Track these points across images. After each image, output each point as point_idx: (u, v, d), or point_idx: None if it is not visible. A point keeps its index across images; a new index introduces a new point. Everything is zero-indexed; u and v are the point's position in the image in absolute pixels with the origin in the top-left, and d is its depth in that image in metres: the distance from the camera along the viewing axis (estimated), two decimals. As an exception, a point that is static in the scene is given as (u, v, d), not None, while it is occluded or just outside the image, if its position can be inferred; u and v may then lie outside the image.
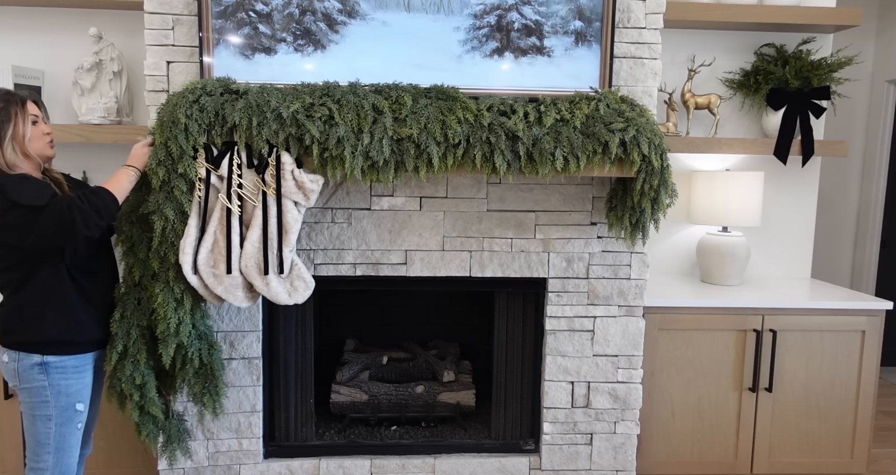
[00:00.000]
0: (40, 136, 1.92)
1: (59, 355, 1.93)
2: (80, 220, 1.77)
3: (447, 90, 2.20)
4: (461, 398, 2.79)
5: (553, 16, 2.32)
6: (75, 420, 1.98)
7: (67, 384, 1.95)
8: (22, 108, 1.86)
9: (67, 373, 1.95)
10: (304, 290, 2.20)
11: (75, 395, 1.97)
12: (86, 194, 1.82)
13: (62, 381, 1.94)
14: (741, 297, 2.71)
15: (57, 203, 1.78)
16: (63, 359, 1.94)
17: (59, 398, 1.94)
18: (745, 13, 2.85)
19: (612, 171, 2.19)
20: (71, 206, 1.77)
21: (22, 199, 1.77)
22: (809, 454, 2.78)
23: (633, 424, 2.61)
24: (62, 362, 1.93)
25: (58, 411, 1.94)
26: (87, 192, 1.84)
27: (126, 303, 2.10)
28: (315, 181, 2.13)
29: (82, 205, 1.78)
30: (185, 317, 2.10)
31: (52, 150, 1.97)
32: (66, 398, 1.95)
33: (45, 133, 1.94)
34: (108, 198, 1.85)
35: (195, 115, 2.03)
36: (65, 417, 1.95)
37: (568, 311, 2.54)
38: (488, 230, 2.48)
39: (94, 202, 1.80)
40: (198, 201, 2.09)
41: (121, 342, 2.07)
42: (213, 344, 2.22)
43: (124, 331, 2.08)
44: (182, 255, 2.07)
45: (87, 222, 1.78)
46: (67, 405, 1.95)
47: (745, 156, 3.15)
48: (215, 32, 2.25)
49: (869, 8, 4.00)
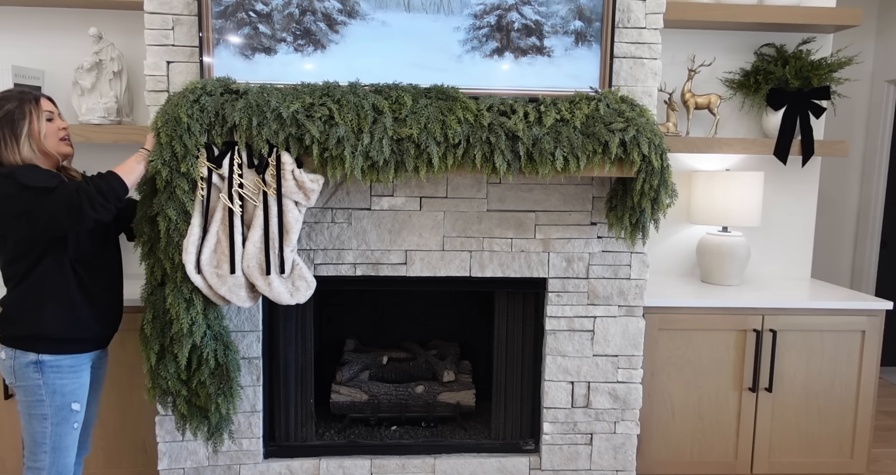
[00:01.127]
0: (55, 132, 1.93)
1: (55, 354, 1.93)
2: (88, 204, 1.78)
3: (447, 90, 2.20)
4: (461, 398, 2.79)
5: (553, 16, 2.32)
6: (71, 420, 1.98)
7: (63, 383, 1.95)
8: (36, 106, 1.89)
9: (63, 373, 1.95)
10: (305, 290, 2.20)
11: (71, 395, 1.97)
12: (94, 178, 1.84)
13: (57, 381, 1.94)
14: (741, 297, 2.71)
15: (66, 187, 1.80)
16: (58, 359, 1.94)
17: (54, 397, 1.94)
18: (745, 13, 2.85)
19: (612, 171, 2.19)
20: (79, 189, 1.79)
21: (31, 181, 1.79)
22: (809, 454, 2.78)
23: (633, 424, 2.61)
24: (57, 361, 1.94)
25: (53, 410, 1.94)
26: (95, 176, 1.86)
27: (155, 303, 2.12)
28: (315, 181, 2.13)
29: (89, 188, 1.80)
30: (198, 318, 2.10)
31: (70, 147, 1.99)
32: (61, 397, 1.95)
33: (61, 128, 1.95)
34: (114, 180, 1.86)
35: (196, 115, 2.03)
36: (60, 417, 1.95)
37: (568, 311, 2.54)
38: (488, 230, 2.48)
39: (100, 185, 1.82)
40: (200, 200, 2.09)
41: (156, 342, 2.11)
42: (228, 345, 2.21)
43: (157, 330, 2.11)
44: (185, 255, 2.07)
45: (94, 205, 1.79)
46: (63, 405, 1.95)
47: (745, 156, 3.15)
48: (215, 32, 2.25)
49: (869, 8, 4.00)
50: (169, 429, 2.45)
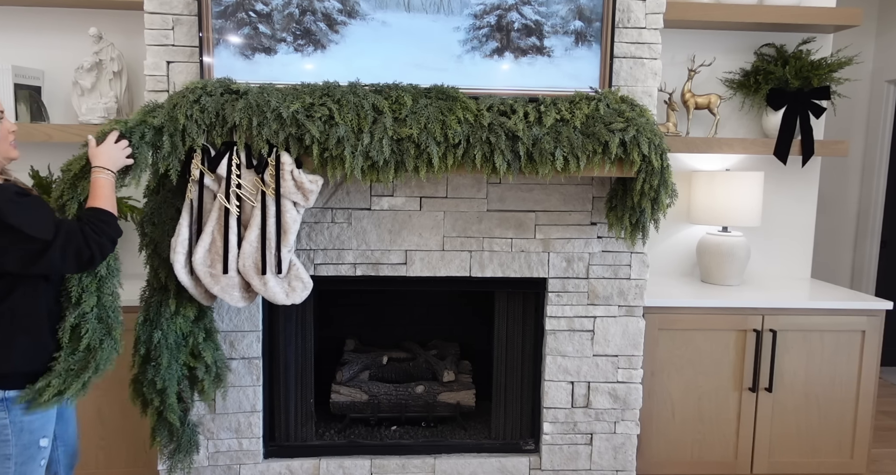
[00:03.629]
0: (6, 135, 1.76)
1: (23, 389, 1.76)
2: (99, 254, 1.71)
3: (447, 90, 2.20)
4: (461, 398, 2.79)
5: (553, 16, 2.32)
6: (38, 457, 1.80)
7: (30, 420, 1.76)
8: None
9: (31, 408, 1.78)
10: (301, 291, 2.20)
11: (39, 431, 1.79)
12: (96, 225, 1.73)
13: (24, 417, 1.75)
14: (741, 297, 2.71)
15: (72, 238, 1.67)
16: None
17: (20, 436, 1.75)
18: (744, 13, 2.85)
19: (612, 171, 2.19)
20: (88, 240, 1.69)
21: (25, 228, 1.62)
22: (809, 454, 2.78)
23: (633, 424, 2.61)
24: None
25: (18, 449, 1.76)
26: (94, 220, 1.74)
27: (150, 306, 2.11)
28: (314, 182, 2.13)
29: (100, 238, 1.71)
30: (91, 287, 1.90)
31: (16, 151, 1.80)
32: (28, 435, 1.77)
33: (10, 131, 1.78)
34: (113, 222, 1.77)
35: (196, 116, 2.03)
36: (26, 455, 1.77)
37: (568, 311, 2.54)
38: (488, 230, 2.48)
39: (107, 233, 1.73)
40: (189, 201, 2.10)
41: (143, 346, 2.09)
42: (111, 329, 1.97)
43: (146, 334, 2.10)
44: (173, 254, 2.08)
45: (104, 253, 1.72)
46: (30, 442, 1.77)
47: (745, 156, 3.15)
48: (215, 32, 2.25)
49: (869, 8, 4.00)
50: (169, 429, 2.46)
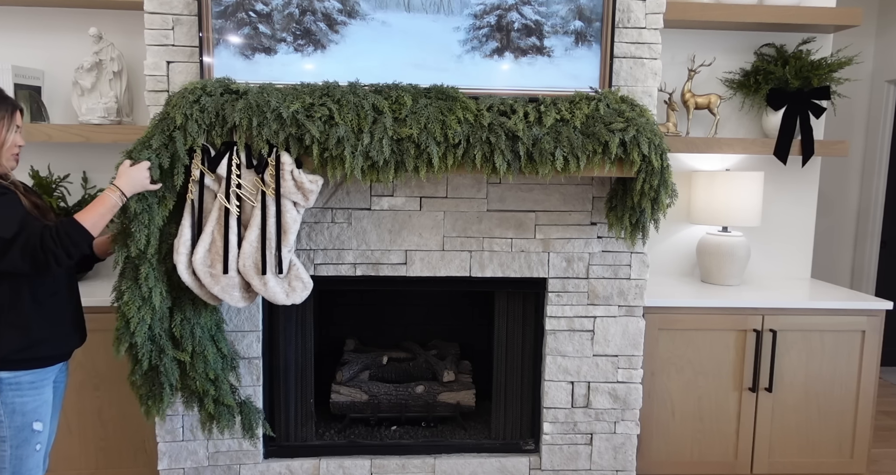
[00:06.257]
0: (14, 146, 1.83)
1: (14, 370, 1.80)
2: (53, 261, 1.72)
3: (447, 90, 2.20)
4: (461, 398, 2.79)
5: (553, 16, 2.32)
6: (33, 441, 1.83)
7: (23, 402, 1.80)
8: (11, 116, 1.80)
9: (23, 390, 1.81)
10: (301, 291, 2.20)
11: (32, 414, 1.82)
12: (59, 234, 1.74)
13: (17, 399, 1.80)
14: (741, 297, 2.71)
15: (31, 240, 1.71)
16: (18, 375, 1.81)
17: (13, 417, 1.80)
18: (744, 13, 2.85)
19: (612, 171, 2.19)
20: (45, 246, 1.71)
21: None
22: (809, 454, 2.78)
23: (633, 424, 2.61)
24: (17, 378, 1.81)
25: (12, 431, 1.80)
26: (61, 230, 1.75)
27: (183, 305, 2.14)
28: (314, 182, 2.13)
29: (56, 249, 1.72)
30: (146, 317, 2.07)
31: (16, 164, 1.87)
32: (21, 417, 1.80)
33: (18, 145, 1.85)
34: (79, 236, 1.76)
35: (196, 116, 2.03)
36: (21, 438, 1.81)
37: (568, 311, 2.54)
38: (488, 230, 2.48)
39: (66, 245, 1.74)
40: (190, 201, 2.10)
41: (188, 342, 2.12)
42: (164, 348, 2.15)
43: (188, 332, 2.13)
44: (176, 255, 2.08)
45: (59, 262, 1.73)
46: (23, 424, 1.81)
47: (745, 156, 3.15)
48: (215, 32, 2.25)
49: (869, 8, 4.00)
50: (169, 428, 2.46)
